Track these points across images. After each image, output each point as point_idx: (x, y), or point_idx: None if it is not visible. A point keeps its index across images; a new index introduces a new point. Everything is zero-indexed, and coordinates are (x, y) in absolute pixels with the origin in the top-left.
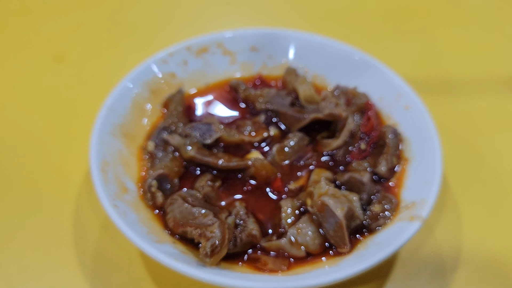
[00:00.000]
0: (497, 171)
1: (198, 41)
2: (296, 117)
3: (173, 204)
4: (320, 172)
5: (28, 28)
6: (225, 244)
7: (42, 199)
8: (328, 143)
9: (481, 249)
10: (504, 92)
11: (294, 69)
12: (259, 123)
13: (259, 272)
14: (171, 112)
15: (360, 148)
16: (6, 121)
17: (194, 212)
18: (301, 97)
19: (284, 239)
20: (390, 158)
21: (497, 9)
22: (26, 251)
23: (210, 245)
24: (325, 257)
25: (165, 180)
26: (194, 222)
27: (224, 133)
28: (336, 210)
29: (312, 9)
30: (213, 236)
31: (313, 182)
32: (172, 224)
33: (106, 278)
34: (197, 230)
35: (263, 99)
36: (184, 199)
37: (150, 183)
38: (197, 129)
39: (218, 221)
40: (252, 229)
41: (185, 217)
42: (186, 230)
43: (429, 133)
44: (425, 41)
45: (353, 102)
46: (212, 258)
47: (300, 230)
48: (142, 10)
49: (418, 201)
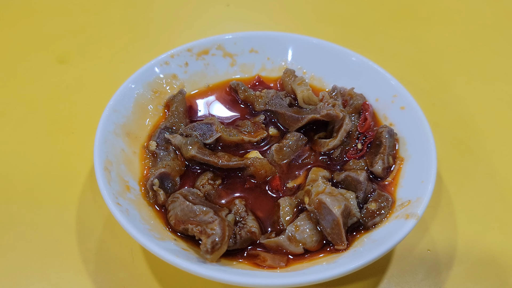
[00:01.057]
0: (491, 170)
1: (199, 43)
2: (294, 118)
3: (175, 202)
4: (317, 171)
5: (32, 29)
6: (225, 241)
7: (47, 197)
8: (325, 143)
9: (475, 247)
10: (498, 93)
11: (292, 70)
12: (259, 123)
13: (258, 268)
14: (173, 112)
15: (357, 147)
16: (11, 121)
17: (195, 210)
18: (299, 98)
19: (283, 236)
20: (386, 158)
21: (491, 10)
22: (30, 248)
23: (211, 242)
24: (322, 254)
25: (166, 178)
26: (195, 220)
27: (224, 133)
28: (333, 208)
29: (310, 13)
30: (213, 233)
31: (311, 181)
32: (174, 222)
33: (109, 275)
34: (198, 228)
35: (262, 100)
36: (185, 197)
37: (152, 181)
38: (198, 129)
39: (218, 218)
40: (252, 227)
41: (186, 215)
42: (187, 227)
43: (424, 133)
44: (421, 43)
45: (350, 103)
46: (212, 255)
47: (298, 228)
48: (144, 13)
49: (413, 199)
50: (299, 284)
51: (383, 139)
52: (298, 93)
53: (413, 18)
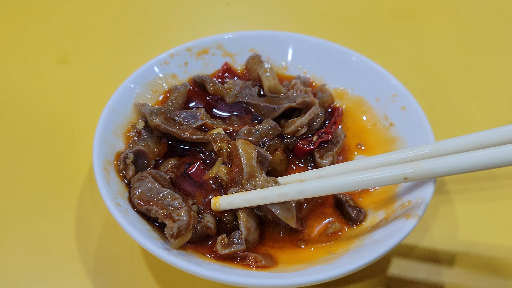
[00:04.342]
0: (491, 170)
1: (198, 43)
2: (270, 108)
3: (142, 181)
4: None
5: (31, 29)
6: (189, 229)
7: (46, 197)
8: (292, 121)
9: (476, 247)
10: (499, 92)
11: (258, 55)
12: (245, 119)
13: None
14: (171, 100)
15: (312, 139)
16: (10, 120)
17: (163, 193)
18: (265, 87)
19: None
20: (335, 157)
21: (491, 10)
22: (30, 248)
23: (177, 227)
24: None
25: (142, 157)
26: (161, 203)
27: (209, 121)
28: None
29: (310, 12)
30: (179, 219)
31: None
32: (137, 201)
33: (108, 275)
34: (163, 211)
35: (231, 92)
36: (154, 177)
37: (127, 154)
38: (183, 114)
39: (186, 206)
40: (208, 222)
41: (153, 196)
42: (151, 208)
43: (424, 133)
44: (421, 42)
45: (319, 96)
46: (176, 240)
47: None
48: (143, 13)
49: (414, 199)
50: (299, 285)
51: (341, 141)
52: (265, 82)
53: (414, 17)
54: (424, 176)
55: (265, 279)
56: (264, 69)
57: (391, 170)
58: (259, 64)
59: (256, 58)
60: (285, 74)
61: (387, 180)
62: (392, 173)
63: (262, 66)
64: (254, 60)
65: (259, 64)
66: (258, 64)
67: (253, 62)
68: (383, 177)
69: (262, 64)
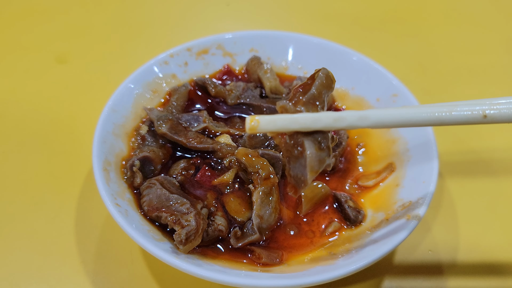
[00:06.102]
0: (492, 170)
1: (198, 43)
2: (272, 109)
3: (151, 188)
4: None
5: (31, 29)
6: (198, 234)
7: (46, 197)
8: None
9: (477, 247)
10: (499, 92)
11: (258, 57)
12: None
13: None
14: (172, 102)
15: None
16: (10, 121)
17: (171, 199)
18: (267, 88)
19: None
20: (338, 158)
21: (491, 10)
22: (29, 248)
23: (185, 233)
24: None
25: (148, 163)
26: (170, 209)
27: (210, 123)
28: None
29: (310, 12)
30: (188, 224)
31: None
32: (147, 208)
33: (108, 275)
34: (172, 217)
35: (233, 94)
36: (162, 184)
37: (134, 161)
38: (186, 117)
39: (194, 211)
40: (219, 225)
41: (162, 202)
42: (161, 215)
43: (425, 133)
44: (422, 42)
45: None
46: (185, 246)
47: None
48: (143, 13)
49: (414, 200)
50: (299, 286)
51: (344, 142)
52: (266, 84)
53: (414, 17)
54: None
55: (264, 280)
56: (264, 71)
57: (470, 107)
58: (259, 66)
59: (256, 60)
60: (286, 74)
61: (464, 118)
62: (471, 109)
63: (262, 68)
64: (254, 62)
65: (259, 66)
66: (258, 65)
67: (252, 64)
68: (461, 114)
69: (262, 65)
